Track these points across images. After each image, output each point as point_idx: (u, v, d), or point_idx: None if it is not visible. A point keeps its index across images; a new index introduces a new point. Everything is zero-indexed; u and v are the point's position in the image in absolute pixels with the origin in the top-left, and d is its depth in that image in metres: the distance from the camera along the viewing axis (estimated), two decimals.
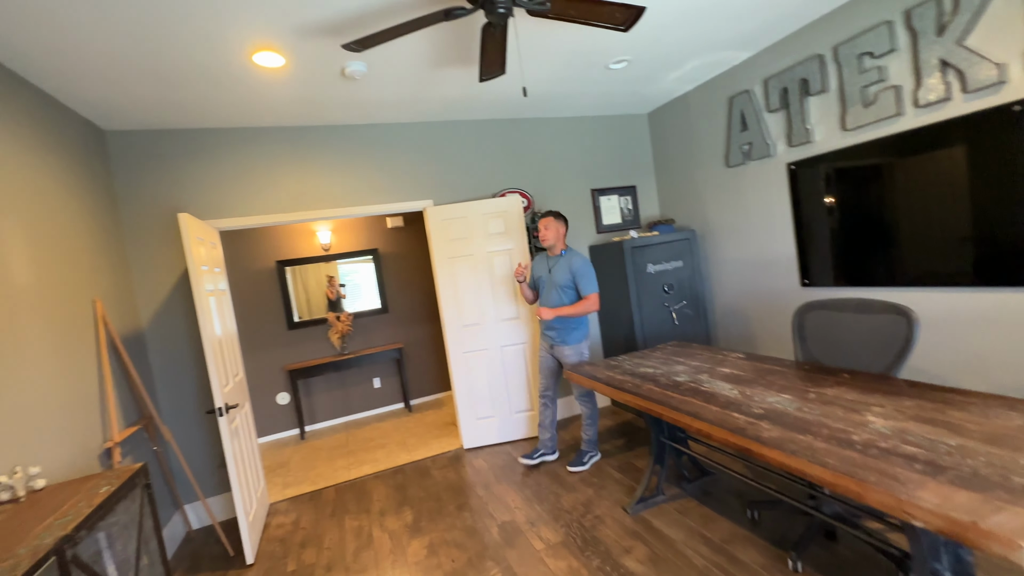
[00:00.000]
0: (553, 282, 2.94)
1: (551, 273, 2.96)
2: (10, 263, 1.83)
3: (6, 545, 1.25)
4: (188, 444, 3.00)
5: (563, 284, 2.92)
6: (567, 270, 2.91)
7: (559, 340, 2.98)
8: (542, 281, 3.03)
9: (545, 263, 3.04)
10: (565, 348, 2.97)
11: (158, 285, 2.96)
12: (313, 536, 2.71)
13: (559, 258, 2.98)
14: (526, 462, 3.14)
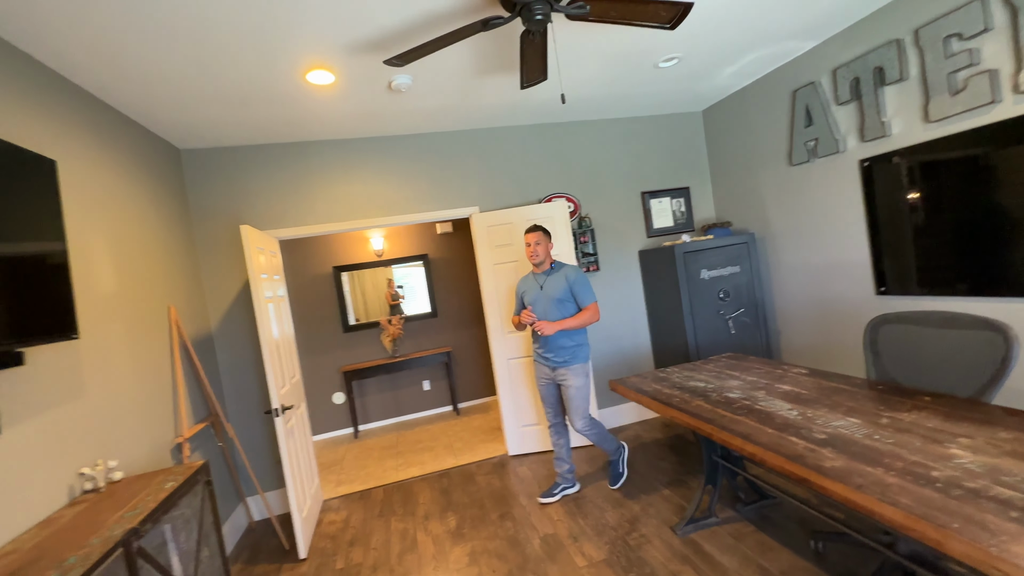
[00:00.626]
0: (548, 297, 2.72)
1: (543, 289, 2.74)
2: (98, 274, 2.03)
3: (84, 534, 1.38)
4: (250, 441, 3.20)
5: (560, 298, 2.71)
6: (562, 282, 2.72)
7: (561, 362, 2.72)
8: (535, 302, 2.76)
9: (534, 281, 2.81)
10: (568, 371, 2.70)
11: (225, 292, 3.18)
12: (361, 535, 2.80)
13: (550, 273, 2.78)
14: (546, 501, 2.82)
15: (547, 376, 2.81)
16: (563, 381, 2.73)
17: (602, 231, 3.89)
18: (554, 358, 2.73)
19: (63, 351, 1.75)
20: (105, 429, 1.92)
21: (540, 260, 2.75)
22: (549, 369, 2.78)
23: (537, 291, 2.77)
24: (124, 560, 1.33)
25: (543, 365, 2.80)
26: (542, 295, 2.74)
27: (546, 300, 2.72)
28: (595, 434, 2.81)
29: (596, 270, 3.84)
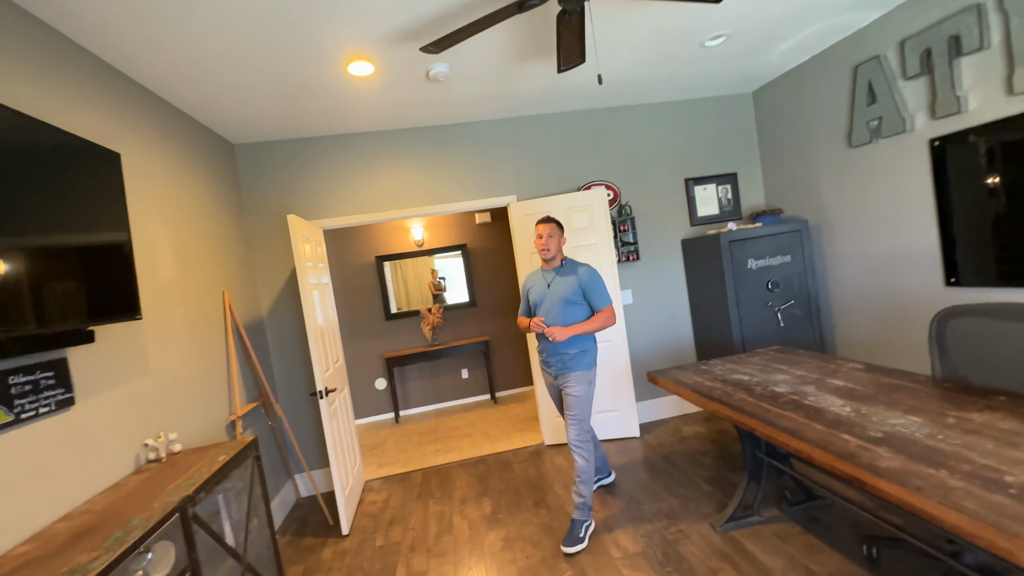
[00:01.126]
0: (555, 297, 2.42)
1: (550, 288, 2.45)
2: (160, 261, 2.17)
3: (146, 499, 1.49)
4: (298, 421, 3.37)
5: (568, 299, 2.40)
6: (574, 282, 2.42)
7: (563, 368, 2.44)
8: (541, 300, 2.48)
9: (541, 279, 2.51)
10: (570, 377, 2.42)
11: (274, 279, 3.33)
12: (400, 516, 2.89)
13: (560, 270, 2.47)
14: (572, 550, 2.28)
15: (551, 383, 2.55)
16: (565, 386, 2.45)
17: (643, 219, 3.78)
18: (556, 363, 2.46)
19: (128, 331, 1.89)
20: (166, 405, 2.07)
21: (552, 255, 2.45)
22: (552, 376, 2.51)
23: (544, 289, 2.48)
24: (181, 525, 1.43)
25: (546, 372, 2.54)
26: (549, 294, 2.45)
27: (552, 300, 2.43)
28: (584, 459, 2.36)
29: (636, 260, 3.74)
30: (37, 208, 1.36)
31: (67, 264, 1.45)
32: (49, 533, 1.35)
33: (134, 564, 1.23)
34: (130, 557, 1.20)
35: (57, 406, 1.50)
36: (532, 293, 2.55)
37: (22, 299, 1.28)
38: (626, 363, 3.48)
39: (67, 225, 1.46)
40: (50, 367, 1.49)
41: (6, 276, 1.22)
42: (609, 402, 3.51)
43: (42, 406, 1.45)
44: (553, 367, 2.48)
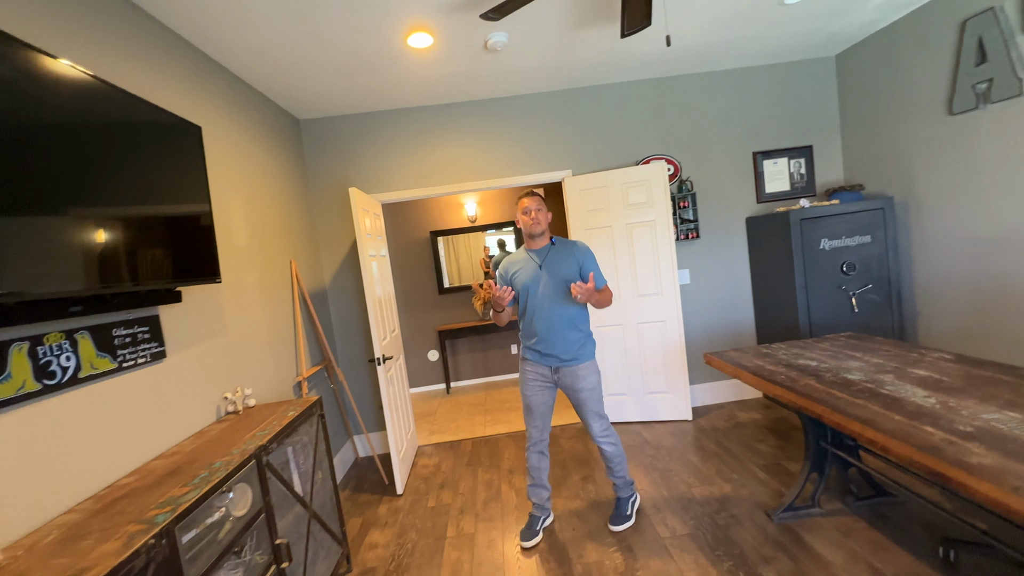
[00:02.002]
0: (559, 279, 2.14)
1: (543, 268, 2.16)
2: (234, 229, 2.33)
3: (227, 446, 1.63)
4: (357, 386, 3.55)
5: (569, 278, 2.12)
6: (571, 260, 2.16)
7: (569, 359, 2.15)
8: (533, 283, 2.16)
9: (529, 260, 2.21)
10: (579, 369, 2.16)
11: (335, 251, 3.49)
12: (451, 480, 3.00)
13: (549, 249, 2.20)
14: (529, 544, 2.22)
15: (545, 378, 2.20)
16: (571, 384, 2.18)
17: (705, 196, 3.60)
18: (560, 355, 2.16)
19: (209, 294, 2.05)
20: (241, 364, 2.24)
21: (542, 230, 2.19)
22: (549, 370, 2.19)
23: (535, 271, 2.17)
24: (256, 470, 1.56)
25: (539, 364, 2.20)
26: (543, 275, 2.15)
27: (552, 281, 2.14)
28: (613, 445, 2.24)
29: (695, 238, 3.58)
30: (133, 179, 1.48)
31: (157, 231, 1.58)
32: (148, 468, 1.51)
33: (217, 501, 1.36)
34: (214, 495, 1.33)
35: (152, 358, 1.66)
36: (519, 277, 2.20)
37: (121, 262, 1.42)
38: (681, 344, 3.38)
39: (157, 195, 1.59)
40: (145, 323, 1.65)
41: (107, 242, 1.35)
42: (661, 383, 3.44)
43: (140, 357, 1.61)
44: (554, 359, 2.16)
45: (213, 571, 1.29)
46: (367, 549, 2.38)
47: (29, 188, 1.13)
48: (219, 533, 1.37)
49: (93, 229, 1.31)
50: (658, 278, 3.37)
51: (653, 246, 3.35)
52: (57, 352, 1.31)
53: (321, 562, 1.98)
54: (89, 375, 1.40)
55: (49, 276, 1.17)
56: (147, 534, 1.08)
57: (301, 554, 1.81)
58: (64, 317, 1.28)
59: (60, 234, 1.21)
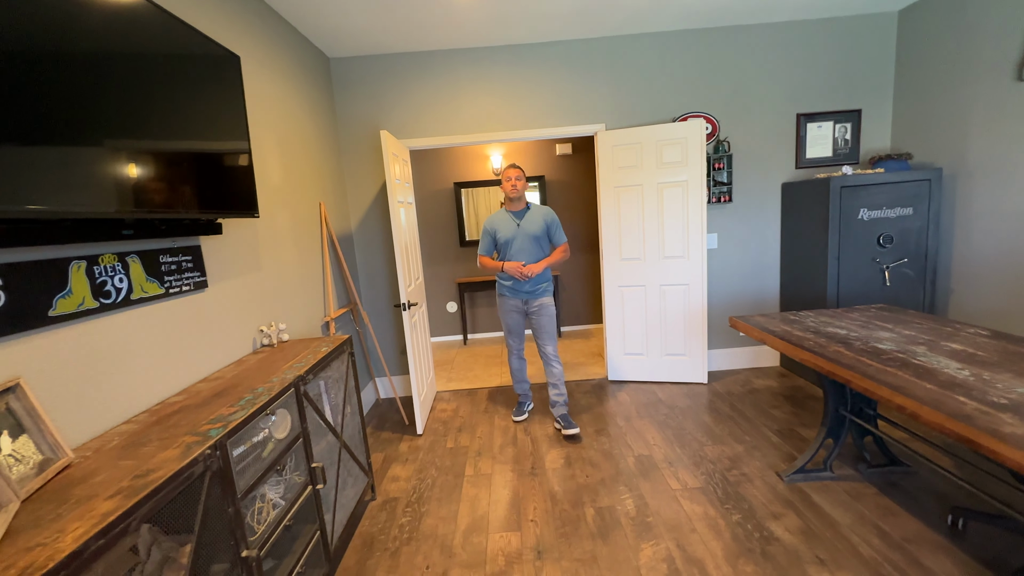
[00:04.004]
0: (527, 235, 2.82)
1: (520, 227, 2.83)
2: (269, 167, 2.33)
3: (265, 374, 1.71)
4: (380, 330, 3.64)
5: (537, 236, 2.84)
6: (540, 221, 2.84)
7: (541, 293, 2.90)
8: (512, 238, 2.83)
9: (509, 219, 2.86)
10: (544, 300, 2.91)
11: (362, 196, 3.48)
12: (468, 425, 3.12)
13: (525, 211, 2.87)
14: (519, 419, 3.11)
15: (518, 308, 2.94)
16: (536, 311, 2.90)
17: (741, 158, 3.48)
18: (529, 290, 2.88)
19: (246, 229, 2.08)
20: (274, 299, 2.30)
21: (518, 195, 2.81)
22: (521, 301, 2.92)
23: (514, 229, 2.83)
24: (295, 398, 1.64)
25: (514, 299, 2.92)
26: (520, 232, 2.82)
27: (524, 237, 2.82)
28: (560, 365, 2.98)
29: (727, 201, 3.49)
30: (175, 108, 1.48)
31: (199, 160, 1.59)
32: (194, 390, 1.60)
33: (262, 423, 1.44)
34: (259, 416, 1.40)
35: (195, 287, 1.71)
36: (500, 233, 2.86)
37: (167, 190, 1.43)
38: (703, 309, 3.37)
39: (198, 125, 1.58)
40: (188, 252, 1.69)
41: (156, 171, 1.37)
42: (679, 346, 3.46)
43: (184, 285, 1.66)
44: (524, 294, 2.90)
45: (259, 484, 1.38)
46: (389, 481, 2.52)
47: (80, 115, 1.14)
48: (263, 451, 1.45)
49: (140, 156, 1.32)
50: (686, 241, 3.32)
51: (683, 208, 3.28)
52: (111, 273, 1.36)
53: (350, 488, 2.11)
54: (140, 298, 1.46)
55: (94, 197, 1.19)
56: (203, 445, 1.15)
57: (333, 479, 1.93)
58: (116, 239, 1.32)
59: (104, 159, 1.22)
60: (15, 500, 0.93)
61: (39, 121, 1.03)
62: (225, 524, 1.22)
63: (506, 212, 2.91)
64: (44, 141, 1.04)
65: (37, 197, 1.02)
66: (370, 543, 2.05)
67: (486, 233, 2.93)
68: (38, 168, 1.02)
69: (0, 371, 1.06)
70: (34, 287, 1.15)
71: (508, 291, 2.93)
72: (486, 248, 2.96)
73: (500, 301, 3.00)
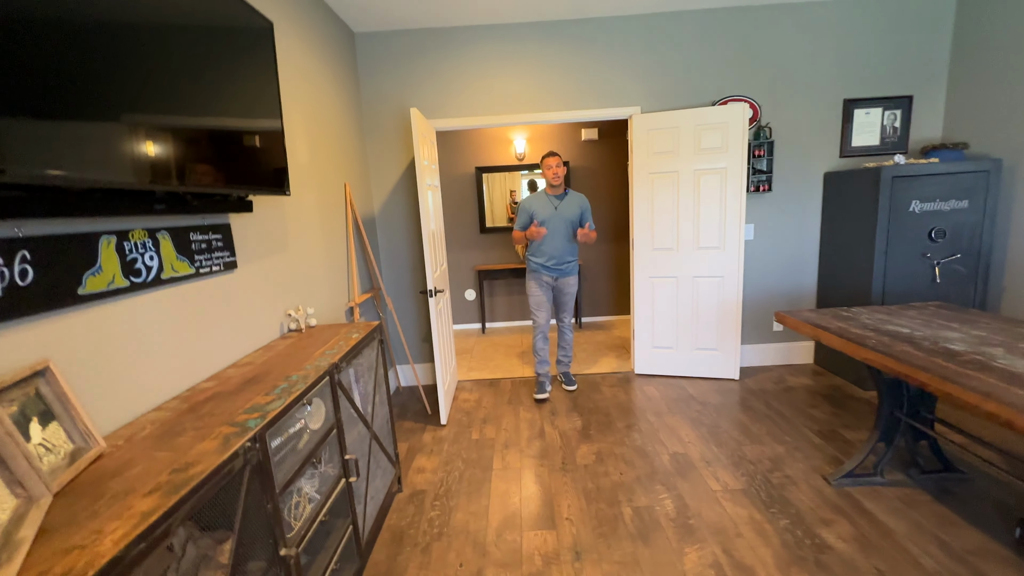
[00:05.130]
0: (563, 218, 3.06)
1: (557, 210, 3.06)
2: (297, 143, 2.23)
3: (297, 361, 1.62)
4: (403, 316, 3.56)
5: (573, 220, 3.08)
6: (576, 206, 3.09)
7: (568, 272, 3.17)
8: (547, 220, 3.05)
9: (548, 202, 3.09)
10: (570, 279, 3.20)
11: (387, 178, 3.38)
12: (493, 416, 3.04)
13: (564, 196, 3.10)
14: (541, 397, 3.24)
15: (548, 284, 3.18)
16: (563, 287, 3.19)
17: (783, 145, 3.31)
18: (561, 269, 3.15)
19: (274, 208, 1.98)
20: (302, 282, 2.22)
21: (559, 182, 3.05)
22: (552, 278, 3.17)
23: (552, 211, 3.06)
24: (329, 387, 1.55)
25: (546, 275, 3.16)
26: (557, 215, 3.05)
27: (560, 220, 3.06)
28: (571, 332, 3.40)
29: (766, 191, 3.34)
30: (209, 78, 1.37)
31: (232, 133, 1.49)
32: (225, 375, 1.52)
33: (298, 412, 1.36)
34: (296, 406, 1.32)
35: (224, 267, 1.62)
36: (538, 213, 3.07)
37: (198, 163, 1.34)
38: (737, 302, 3.24)
39: (230, 95, 1.48)
40: (218, 230, 1.60)
41: (188, 145, 1.27)
42: (711, 339, 3.34)
43: (214, 265, 1.57)
44: (555, 271, 3.15)
45: (296, 479, 1.30)
46: (415, 473, 2.45)
47: (109, 85, 1.04)
48: (299, 443, 1.37)
49: (169, 126, 1.22)
50: (722, 231, 3.18)
51: (721, 197, 3.13)
52: (142, 250, 1.27)
53: (379, 479, 2.03)
54: (171, 277, 1.37)
55: (121, 167, 1.10)
56: (242, 437, 1.07)
57: (364, 471, 1.85)
58: (147, 213, 1.23)
59: (132, 129, 1.12)
60: (47, 494, 0.85)
61: (69, 89, 0.93)
62: (263, 521, 1.14)
63: (546, 195, 3.12)
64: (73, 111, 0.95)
65: (63, 164, 0.92)
66: (399, 537, 1.98)
67: (524, 211, 3.12)
68: (66, 137, 0.93)
69: (29, 353, 0.98)
70: (63, 263, 1.06)
71: (541, 267, 3.16)
72: (521, 225, 3.15)
73: (531, 277, 3.21)
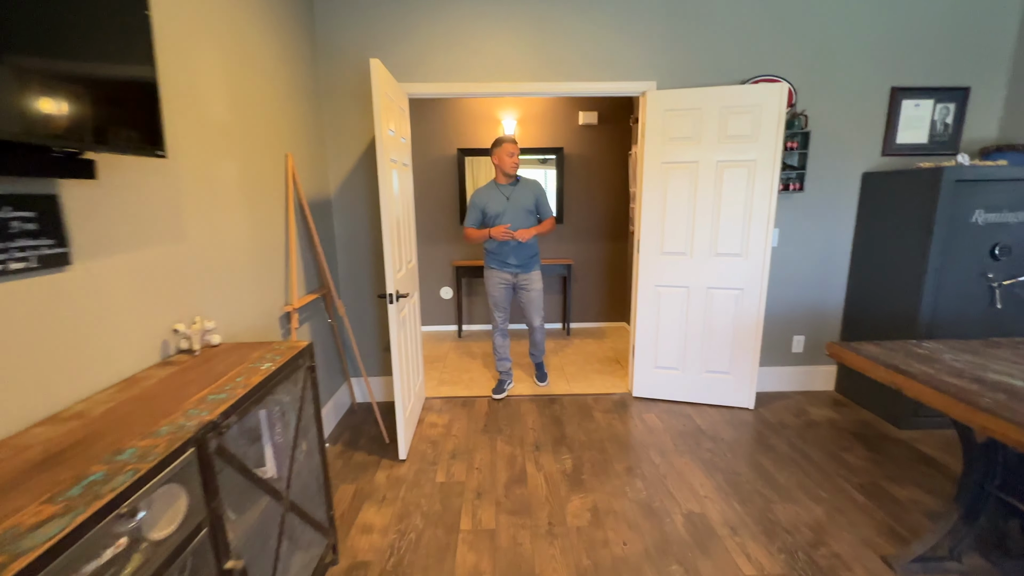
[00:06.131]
0: (518, 208, 2.82)
1: (510, 200, 2.81)
2: (208, 95, 1.61)
3: (160, 411, 1.04)
4: (360, 320, 2.97)
5: (529, 209, 2.85)
6: (530, 195, 2.85)
7: (529, 268, 2.94)
8: (502, 212, 2.80)
9: (498, 193, 2.83)
10: (531, 275, 2.95)
11: (348, 151, 2.77)
12: (464, 449, 2.49)
13: (515, 185, 2.84)
14: (499, 396, 3.08)
15: (507, 281, 2.94)
16: (525, 285, 2.94)
17: (819, 137, 2.83)
18: (520, 264, 2.90)
19: (151, 177, 1.38)
20: (207, 284, 1.62)
21: (517, 170, 2.82)
22: (511, 275, 2.93)
23: (504, 202, 2.81)
24: (197, 461, 0.98)
25: (504, 272, 2.92)
26: (510, 206, 2.81)
27: (516, 210, 2.81)
28: (544, 333, 3.15)
29: (798, 190, 2.85)
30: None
31: (64, 66, 0.90)
32: (19, 443, 0.93)
33: (116, 526, 0.78)
34: (107, 520, 0.74)
35: (42, 263, 1.03)
36: (491, 206, 2.81)
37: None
38: (757, 320, 2.76)
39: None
40: (32, 204, 1.00)
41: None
42: (723, 362, 2.85)
43: (18, 261, 0.98)
44: (515, 268, 2.91)
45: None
46: (360, 532, 1.89)
47: None
48: (121, 571, 0.80)
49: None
50: (745, 236, 2.68)
51: (747, 194, 2.63)
52: None
53: (298, 556, 1.47)
54: None
55: None
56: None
57: (270, 559, 1.28)
58: None
59: None
60: None
61: None
62: None
63: (495, 185, 2.86)
64: None
65: None
66: None
67: (474, 207, 2.86)
68: None
69: None
70: None
71: (498, 264, 2.92)
72: (474, 221, 2.88)
73: (488, 274, 2.97)
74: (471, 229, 2.87)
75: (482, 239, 2.85)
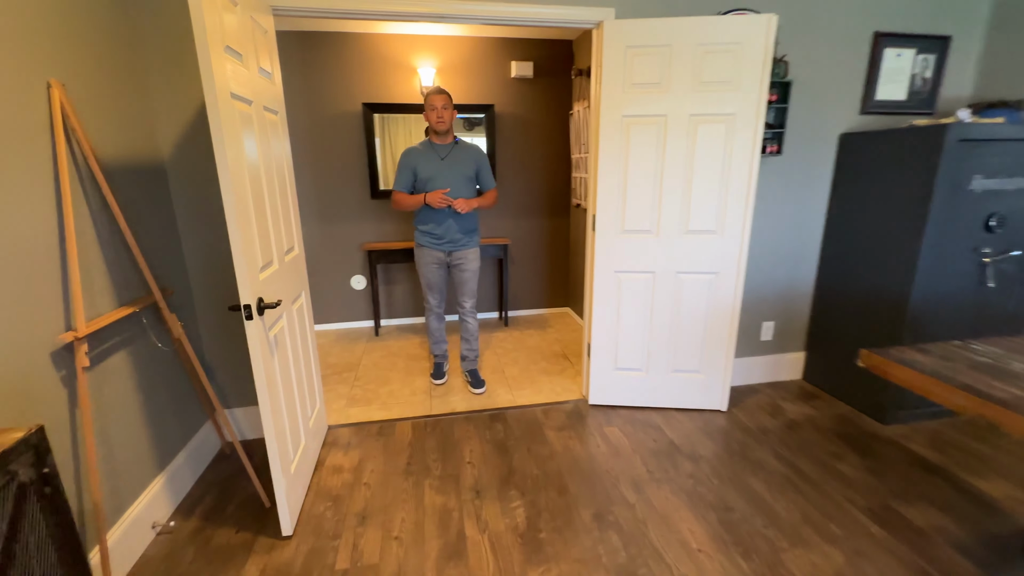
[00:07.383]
0: (456, 173, 2.41)
1: (445, 161, 2.40)
2: None
3: None
4: (225, 334, 2.15)
5: (469, 175, 2.45)
6: (470, 161, 2.45)
7: (465, 244, 2.53)
8: (435, 175, 2.39)
9: (433, 154, 2.41)
10: (468, 254, 2.56)
11: (186, 94, 1.88)
12: (379, 505, 1.83)
13: (452, 146, 2.43)
14: (439, 382, 2.81)
15: (440, 260, 2.56)
16: (460, 264, 2.56)
17: (801, 90, 2.39)
18: (454, 241, 2.51)
19: None
20: None
21: (446, 128, 2.36)
22: (444, 253, 2.55)
23: (437, 163, 2.40)
24: None
25: (436, 249, 2.52)
26: (446, 169, 2.40)
27: (452, 175, 2.41)
28: (475, 320, 2.73)
29: (775, 153, 2.42)
30: None
31: None
32: None
33: None
34: None
35: None
36: (422, 168, 2.40)
37: None
38: (734, 309, 2.33)
39: None
40: None
41: None
42: (693, 360, 2.41)
43: None
44: (448, 245, 2.51)
45: None
46: None
47: None
48: None
49: None
50: (721, 208, 2.20)
51: (725, 156, 2.14)
52: None
53: None
54: None
55: None
56: None
57: None
58: None
59: None
60: None
61: None
62: None
63: (429, 144, 2.43)
64: None
65: None
66: None
67: (405, 167, 2.42)
68: None
69: None
70: None
71: (429, 241, 2.51)
72: (404, 184, 2.44)
73: (419, 253, 2.57)
74: (401, 193, 2.42)
75: (415, 206, 2.40)
